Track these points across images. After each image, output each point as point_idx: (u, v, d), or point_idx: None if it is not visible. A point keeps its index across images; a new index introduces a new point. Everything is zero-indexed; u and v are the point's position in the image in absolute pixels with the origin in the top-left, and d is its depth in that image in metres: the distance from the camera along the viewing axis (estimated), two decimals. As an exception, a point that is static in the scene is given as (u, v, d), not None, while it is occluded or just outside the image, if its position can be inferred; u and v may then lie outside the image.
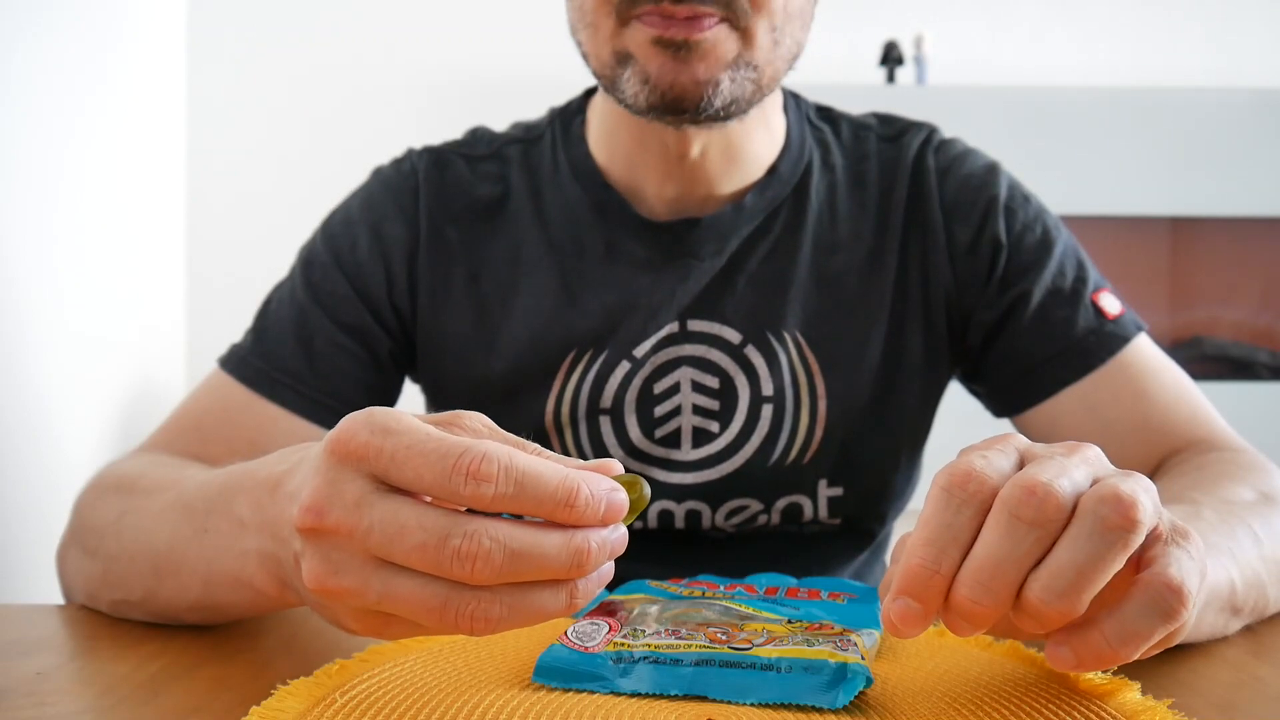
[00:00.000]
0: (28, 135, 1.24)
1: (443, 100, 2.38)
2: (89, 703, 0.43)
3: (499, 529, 0.35)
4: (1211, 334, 2.60)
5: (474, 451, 0.35)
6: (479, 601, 0.36)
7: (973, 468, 0.38)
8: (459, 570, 0.35)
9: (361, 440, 0.36)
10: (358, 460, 0.36)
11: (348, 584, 0.36)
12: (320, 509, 0.36)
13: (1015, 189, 0.77)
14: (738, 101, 0.65)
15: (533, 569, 0.36)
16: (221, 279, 2.18)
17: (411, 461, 0.35)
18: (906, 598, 0.37)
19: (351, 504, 0.36)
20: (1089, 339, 0.72)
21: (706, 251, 0.73)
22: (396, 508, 0.36)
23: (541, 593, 0.37)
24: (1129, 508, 0.36)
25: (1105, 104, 2.41)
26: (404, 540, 0.35)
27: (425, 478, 0.35)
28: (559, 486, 0.36)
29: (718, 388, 0.73)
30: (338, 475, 0.37)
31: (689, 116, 0.65)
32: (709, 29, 0.62)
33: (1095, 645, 0.38)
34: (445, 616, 0.36)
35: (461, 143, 0.80)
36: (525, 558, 0.35)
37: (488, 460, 0.35)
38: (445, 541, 0.35)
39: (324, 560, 0.37)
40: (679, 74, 0.63)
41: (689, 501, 0.73)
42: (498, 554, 0.35)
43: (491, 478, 0.35)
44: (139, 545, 0.52)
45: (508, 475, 0.35)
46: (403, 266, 0.75)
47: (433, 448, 0.35)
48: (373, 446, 0.36)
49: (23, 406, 1.22)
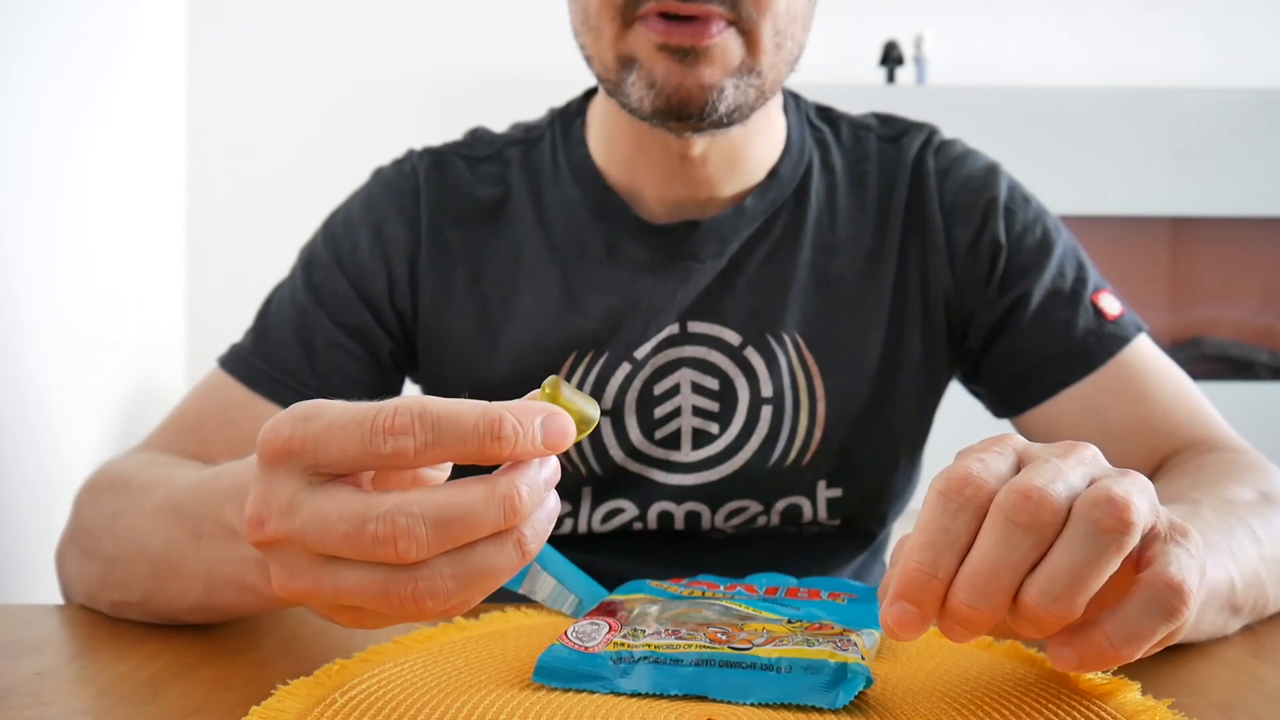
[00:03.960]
0: (28, 136, 1.24)
1: (443, 101, 2.38)
2: (89, 703, 0.43)
3: (414, 500, 0.34)
4: (1211, 334, 2.60)
5: (385, 408, 0.34)
6: (420, 580, 0.35)
7: (969, 472, 0.38)
8: (385, 553, 0.34)
9: (285, 435, 0.36)
10: (287, 457, 0.36)
11: (305, 585, 0.36)
12: (259, 520, 0.36)
13: (1015, 190, 0.77)
14: (741, 108, 0.65)
15: (464, 530, 0.34)
16: (221, 279, 2.18)
17: (334, 439, 0.35)
18: (903, 602, 0.37)
19: (284, 509, 0.36)
20: (1089, 340, 0.72)
21: (707, 254, 0.73)
22: (320, 503, 0.35)
23: (485, 551, 0.35)
24: (1122, 509, 0.36)
25: (1105, 104, 2.41)
26: (331, 534, 0.35)
27: (349, 450, 0.35)
28: (479, 421, 0.34)
29: (717, 389, 0.73)
30: (270, 480, 0.36)
31: (692, 123, 0.65)
32: (716, 35, 0.62)
33: (1097, 645, 0.38)
34: (393, 601, 0.35)
35: (461, 144, 0.80)
36: (451, 522, 0.34)
37: (399, 413, 0.34)
38: (363, 528, 0.34)
39: (281, 566, 0.37)
40: (685, 78, 0.63)
41: (688, 503, 0.73)
42: (419, 527, 0.34)
43: (408, 428, 0.34)
44: (135, 547, 0.52)
45: (423, 423, 0.34)
46: (404, 267, 0.75)
47: (349, 419, 0.35)
48: (296, 438, 0.35)
49: (23, 406, 1.22)
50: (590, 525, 0.74)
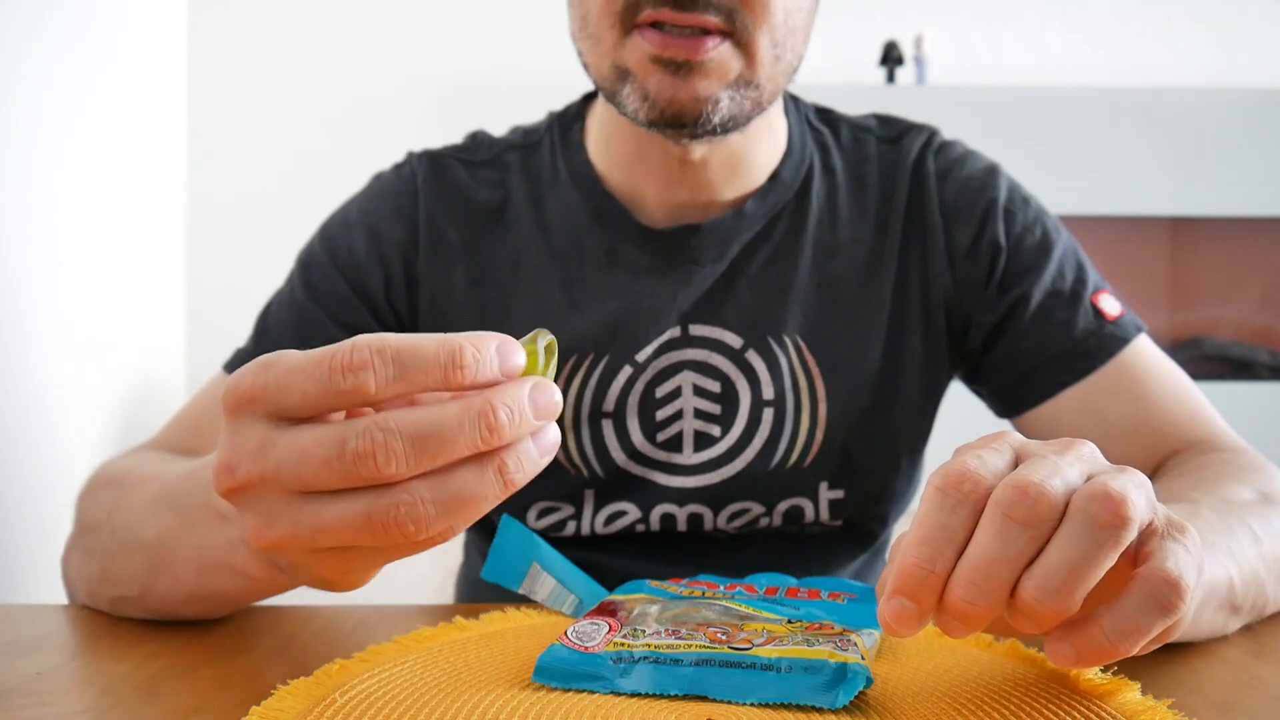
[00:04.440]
0: (29, 139, 1.24)
1: (446, 106, 2.37)
2: (89, 703, 0.43)
3: (392, 417, 0.35)
4: (1211, 334, 2.60)
5: (343, 347, 0.35)
6: (402, 502, 0.35)
7: (967, 468, 0.38)
8: (366, 470, 0.34)
9: (247, 384, 0.36)
10: (250, 403, 0.36)
11: (283, 530, 0.36)
12: (230, 466, 0.36)
13: (1015, 191, 0.77)
14: (736, 118, 0.66)
15: (440, 446, 0.35)
16: (222, 283, 2.18)
17: (294, 381, 0.35)
18: (901, 597, 0.38)
19: (255, 450, 0.36)
20: (1089, 340, 0.72)
21: (707, 257, 0.73)
22: (295, 437, 0.35)
23: (465, 476, 0.35)
24: (1119, 505, 0.36)
25: (1105, 104, 2.41)
26: (309, 463, 0.35)
27: (310, 392, 0.35)
28: (439, 349, 0.35)
29: (719, 392, 0.73)
30: (238, 428, 0.36)
31: (688, 131, 0.65)
32: (712, 50, 0.62)
33: (1095, 640, 0.38)
34: (376, 528, 0.35)
35: (460, 148, 0.80)
36: (429, 437, 0.34)
37: (357, 349, 0.35)
38: (344, 447, 0.34)
39: (256, 515, 0.37)
40: (678, 91, 0.63)
41: (691, 505, 0.73)
42: (396, 442, 0.34)
43: (366, 363, 0.34)
44: (131, 540, 0.53)
45: (383, 356, 0.34)
46: (401, 268, 0.75)
47: (308, 360, 0.35)
48: (258, 385, 0.36)
49: (24, 409, 1.23)
50: (593, 527, 0.74)
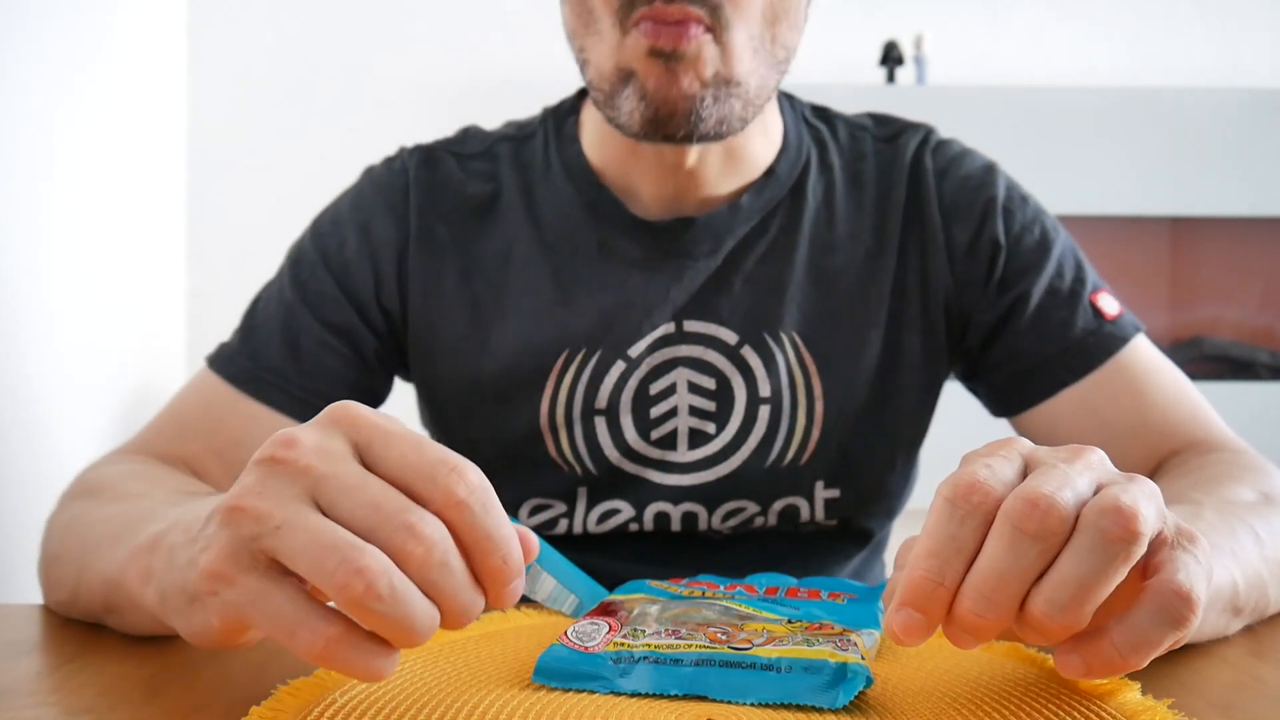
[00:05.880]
0: (28, 139, 1.24)
1: (448, 104, 2.37)
2: (89, 703, 0.43)
3: (394, 574, 0.35)
4: (1211, 334, 2.60)
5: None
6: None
7: (976, 478, 0.38)
8: (344, 597, 0.35)
9: (317, 469, 0.37)
10: (301, 475, 0.37)
11: (243, 581, 0.36)
12: (253, 496, 0.36)
13: (1013, 190, 0.77)
14: (728, 120, 0.65)
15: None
16: (222, 285, 2.18)
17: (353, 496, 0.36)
18: (909, 609, 0.37)
19: (279, 509, 0.36)
20: (1087, 340, 0.72)
21: (701, 251, 0.73)
22: (317, 525, 0.35)
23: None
24: (1129, 519, 0.36)
25: (1105, 104, 2.40)
26: (306, 559, 0.35)
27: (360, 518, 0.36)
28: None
29: (714, 389, 0.73)
30: (281, 483, 0.37)
31: (681, 137, 0.65)
32: (694, 38, 0.62)
33: (1105, 653, 0.38)
34: (317, 653, 0.36)
35: (453, 140, 0.80)
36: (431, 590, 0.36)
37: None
38: (342, 566, 0.35)
39: (233, 545, 0.36)
40: (670, 87, 0.62)
41: (685, 503, 0.73)
42: (384, 582, 0.35)
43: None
44: (74, 544, 0.54)
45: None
46: (392, 266, 0.75)
47: (374, 495, 0.36)
48: (326, 474, 0.36)
49: (23, 410, 1.22)
50: (585, 526, 0.74)
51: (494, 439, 0.74)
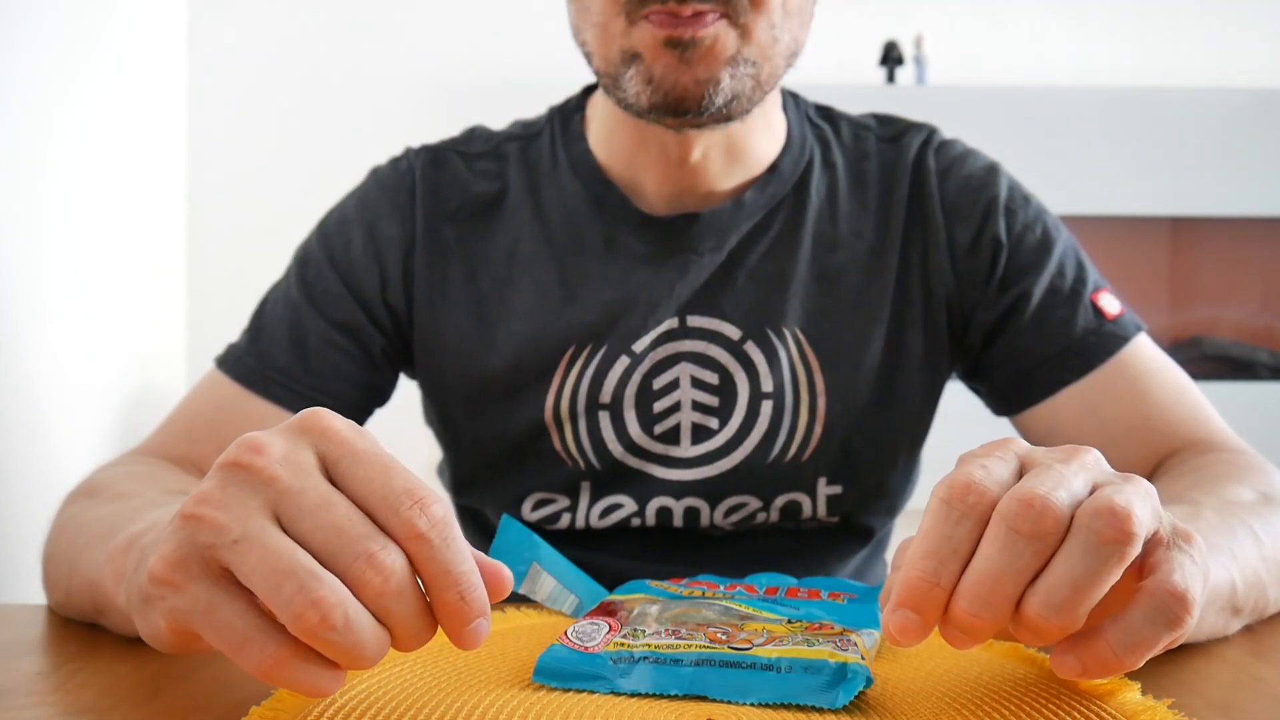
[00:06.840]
0: (27, 139, 1.24)
1: (449, 103, 2.37)
2: (89, 703, 0.43)
3: (349, 604, 0.35)
4: (1211, 334, 2.60)
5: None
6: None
7: (972, 479, 0.38)
8: (299, 625, 0.34)
9: (284, 480, 0.36)
10: (265, 486, 0.36)
11: (192, 588, 0.36)
12: (210, 505, 0.36)
13: (1015, 189, 0.77)
14: (739, 98, 0.65)
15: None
16: (221, 282, 2.18)
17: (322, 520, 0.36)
18: (906, 609, 0.37)
19: (240, 523, 0.36)
20: (1088, 339, 0.72)
21: (706, 247, 0.73)
22: (276, 543, 0.35)
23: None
24: (1124, 520, 0.36)
25: (1105, 104, 2.40)
26: (261, 577, 0.35)
27: (320, 542, 0.35)
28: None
29: (717, 384, 0.73)
30: (243, 490, 0.36)
31: (690, 117, 0.65)
32: (710, 25, 0.62)
33: (1101, 654, 0.38)
34: (266, 668, 0.35)
35: (459, 140, 0.80)
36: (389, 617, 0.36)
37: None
38: (299, 595, 0.34)
39: (184, 551, 0.36)
40: (681, 75, 0.63)
41: (688, 498, 0.73)
42: (339, 614, 0.34)
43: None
44: (67, 543, 0.55)
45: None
46: (398, 265, 0.75)
47: (337, 519, 0.36)
48: (283, 481, 0.36)
49: (23, 409, 1.22)
50: (588, 521, 0.74)
51: (499, 434, 0.75)
